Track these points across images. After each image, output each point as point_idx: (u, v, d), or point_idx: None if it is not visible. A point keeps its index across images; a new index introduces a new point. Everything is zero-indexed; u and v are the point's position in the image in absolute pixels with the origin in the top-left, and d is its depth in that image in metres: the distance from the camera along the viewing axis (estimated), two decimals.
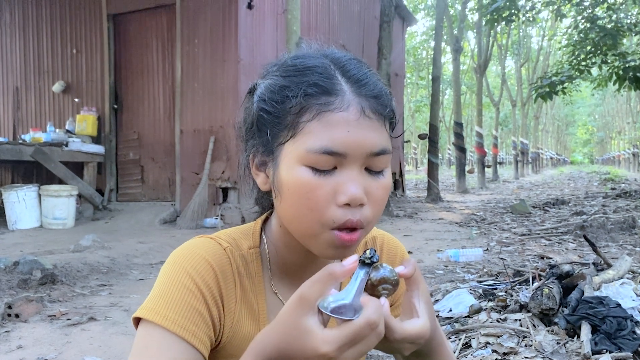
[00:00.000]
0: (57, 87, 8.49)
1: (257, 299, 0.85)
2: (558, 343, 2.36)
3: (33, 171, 8.31)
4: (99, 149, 7.94)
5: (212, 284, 0.79)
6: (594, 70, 11.96)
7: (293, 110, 0.73)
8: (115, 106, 8.15)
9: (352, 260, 0.65)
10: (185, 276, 0.78)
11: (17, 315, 3.10)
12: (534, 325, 2.59)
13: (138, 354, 0.73)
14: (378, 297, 0.65)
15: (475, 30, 19.29)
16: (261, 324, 0.84)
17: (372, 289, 0.66)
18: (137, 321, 0.77)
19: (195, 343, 0.74)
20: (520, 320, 2.67)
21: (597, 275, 3.04)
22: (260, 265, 0.86)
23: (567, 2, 11.30)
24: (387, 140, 0.76)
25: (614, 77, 10.20)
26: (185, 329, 0.74)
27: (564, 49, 12.87)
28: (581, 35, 10.73)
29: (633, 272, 3.36)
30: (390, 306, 0.91)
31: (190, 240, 0.84)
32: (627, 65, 9.75)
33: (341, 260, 0.67)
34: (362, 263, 0.67)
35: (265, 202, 0.91)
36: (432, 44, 17.29)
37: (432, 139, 12.39)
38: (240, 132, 0.85)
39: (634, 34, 10.90)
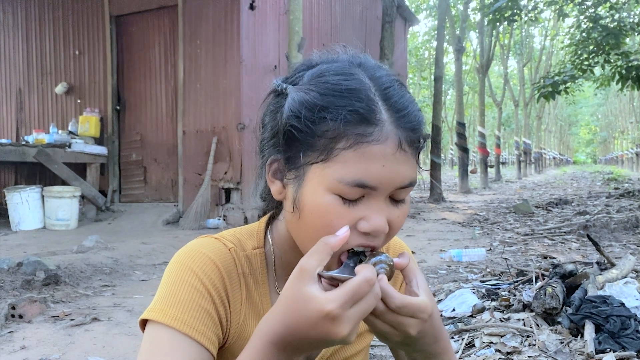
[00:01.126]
0: (59, 88, 8.51)
1: (261, 300, 0.85)
2: (561, 342, 2.36)
3: (36, 172, 8.33)
4: (101, 150, 7.95)
5: (218, 283, 0.79)
6: (597, 70, 11.93)
7: (329, 134, 0.70)
8: (118, 107, 8.16)
9: (344, 230, 0.67)
10: (191, 275, 0.77)
11: (20, 316, 3.10)
12: (538, 325, 2.58)
13: (148, 355, 0.73)
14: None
15: (477, 30, 19.27)
16: None
17: None
18: (144, 323, 0.77)
19: (204, 342, 0.75)
20: (523, 319, 2.67)
21: (600, 274, 3.03)
22: (265, 266, 0.86)
23: (569, 1, 11.28)
24: (416, 171, 0.75)
25: (617, 77, 10.17)
26: (194, 329, 0.74)
27: (567, 48, 12.83)
28: (584, 34, 10.69)
29: (637, 271, 3.36)
30: None
31: (195, 240, 0.84)
32: (629, 65, 9.72)
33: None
34: (353, 253, 0.71)
35: (272, 200, 0.88)
36: (434, 44, 17.28)
37: (434, 139, 12.37)
38: (258, 135, 0.83)
39: (636, 33, 10.87)
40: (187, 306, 0.75)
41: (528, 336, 2.49)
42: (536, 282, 3.23)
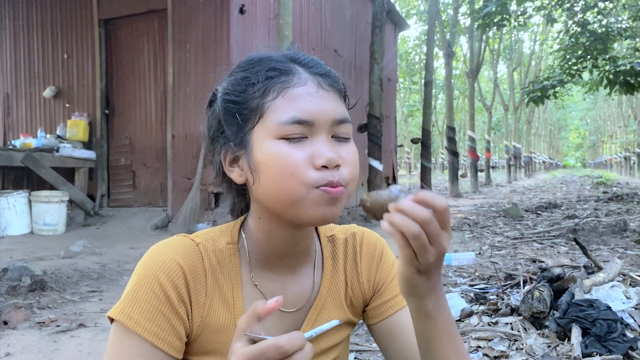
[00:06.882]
0: (48, 92, 8.45)
1: (232, 291, 0.88)
2: (549, 346, 2.36)
3: (23, 177, 8.25)
4: (90, 154, 7.90)
5: (180, 285, 0.83)
6: (585, 75, 12.02)
7: (257, 93, 0.80)
8: (107, 111, 8.11)
9: (274, 300, 0.67)
10: (154, 282, 0.82)
11: (5, 322, 3.06)
12: (525, 329, 2.59)
13: (110, 353, 0.80)
14: None
15: (467, 35, 19.38)
16: (236, 314, 0.88)
17: None
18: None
19: (163, 347, 0.80)
20: (511, 323, 2.67)
21: (587, 278, 3.04)
22: (238, 259, 0.90)
23: (558, 7, 11.38)
24: (346, 110, 0.85)
25: (605, 82, 10.25)
26: (154, 335, 0.80)
27: (555, 53, 12.94)
28: (572, 39, 10.78)
29: (623, 274, 3.37)
30: (377, 291, 0.99)
31: (166, 239, 0.88)
32: (617, 70, 9.81)
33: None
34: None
35: (241, 206, 0.97)
36: (425, 48, 17.34)
37: (425, 143, 12.41)
38: (205, 140, 0.91)
39: (624, 39, 10.98)
40: (148, 312, 0.80)
41: (516, 340, 2.49)
42: (524, 286, 3.24)
